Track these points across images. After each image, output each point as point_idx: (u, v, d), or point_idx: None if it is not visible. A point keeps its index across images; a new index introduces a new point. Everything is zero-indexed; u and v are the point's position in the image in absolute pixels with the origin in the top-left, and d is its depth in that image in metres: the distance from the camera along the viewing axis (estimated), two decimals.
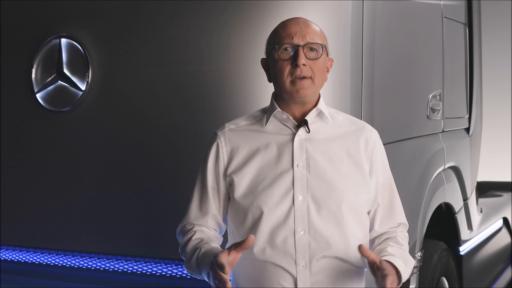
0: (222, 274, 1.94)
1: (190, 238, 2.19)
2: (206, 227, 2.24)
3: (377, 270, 2.01)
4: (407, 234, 2.29)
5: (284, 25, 2.16)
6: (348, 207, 2.12)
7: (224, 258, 1.95)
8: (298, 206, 2.10)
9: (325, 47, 2.16)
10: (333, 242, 2.10)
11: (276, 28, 2.18)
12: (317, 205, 2.10)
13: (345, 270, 2.13)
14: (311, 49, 2.12)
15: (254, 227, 2.11)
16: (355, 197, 2.14)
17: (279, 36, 2.14)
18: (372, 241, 2.24)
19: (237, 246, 1.98)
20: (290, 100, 2.15)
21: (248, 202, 2.13)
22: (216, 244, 2.17)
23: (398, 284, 2.07)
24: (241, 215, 2.15)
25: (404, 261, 2.12)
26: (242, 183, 2.15)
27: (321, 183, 2.11)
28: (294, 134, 2.15)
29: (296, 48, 2.10)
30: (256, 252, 2.11)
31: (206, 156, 2.23)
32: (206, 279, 2.08)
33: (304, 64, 2.09)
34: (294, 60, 2.10)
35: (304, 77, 2.10)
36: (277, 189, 2.11)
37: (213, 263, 1.98)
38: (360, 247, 2.01)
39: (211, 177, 2.22)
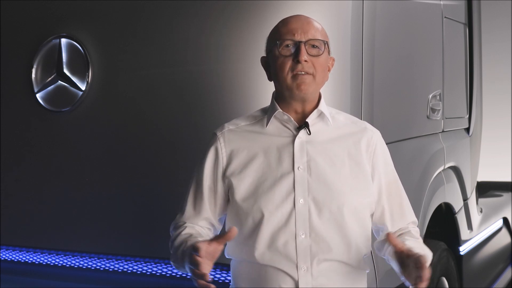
0: (197, 257, 1.89)
1: (179, 233, 2.16)
2: (199, 226, 2.22)
3: (406, 258, 1.95)
4: (418, 229, 2.27)
5: (285, 22, 2.14)
6: (350, 210, 2.09)
7: (203, 244, 1.91)
8: (299, 209, 2.07)
9: (327, 44, 2.12)
10: (334, 245, 2.07)
11: (277, 25, 2.16)
12: (318, 208, 2.07)
13: (347, 273, 2.12)
14: (313, 46, 2.08)
15: (254, 231, 2.09)
16: (356, 200, 2.11)
17: (280, 33, 2.11)
18: (383, 242, 2.20)
19: (219, 237, 1.94)
20: (290, 98, 2.11)
21: (248, 205, 2.10)
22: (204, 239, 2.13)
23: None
24: (241, 218, 2.12)
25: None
26: (242, 186, 2.12)
27: (322, 186, 2.08)
28: (294, 136, 2.12)
29: (297, 44, 2.07)
30: (257, 256, 2.09)
31: (205, 156, 2.20)
32: (188, 271, 2.01)
33: (306, 61, 2.06)
34: (295, 56, 2.06)
35: (305, 73, 2.07)
36: (278, 192, 2.08)
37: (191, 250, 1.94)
38: (388, 235, 1.98)
39: (208, 178, 2.19)
